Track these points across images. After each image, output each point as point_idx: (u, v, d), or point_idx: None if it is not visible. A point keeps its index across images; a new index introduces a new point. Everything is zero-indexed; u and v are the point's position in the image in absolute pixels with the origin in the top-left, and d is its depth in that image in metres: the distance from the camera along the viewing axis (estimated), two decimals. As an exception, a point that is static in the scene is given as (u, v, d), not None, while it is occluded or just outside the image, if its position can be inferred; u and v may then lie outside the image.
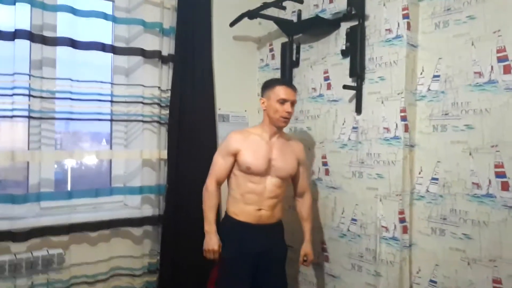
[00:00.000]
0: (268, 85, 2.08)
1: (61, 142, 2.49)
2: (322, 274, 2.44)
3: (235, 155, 2.05)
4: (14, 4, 2.03)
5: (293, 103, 2.04)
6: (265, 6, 2.44)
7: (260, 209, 2.04)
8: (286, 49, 2.65)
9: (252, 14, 2.53)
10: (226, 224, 2.12)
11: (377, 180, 2.13)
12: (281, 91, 2.01)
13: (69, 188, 2.51)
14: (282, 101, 2.00)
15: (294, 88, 2.07)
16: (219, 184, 2.11)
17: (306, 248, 2.18)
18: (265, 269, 2.08)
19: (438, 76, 2.00)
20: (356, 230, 2.25)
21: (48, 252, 2.13)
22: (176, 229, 2.44)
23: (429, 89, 2.04)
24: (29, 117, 2.14)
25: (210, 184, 2.09)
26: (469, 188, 1.87)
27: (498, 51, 1.78)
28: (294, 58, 2.62)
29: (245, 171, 2.03)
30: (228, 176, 2.11)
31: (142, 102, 2.40)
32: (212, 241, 2.02)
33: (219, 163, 2.08)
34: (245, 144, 2.04)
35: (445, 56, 1.98)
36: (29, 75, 2.12)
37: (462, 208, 1.90)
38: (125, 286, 2.41)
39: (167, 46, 2.47)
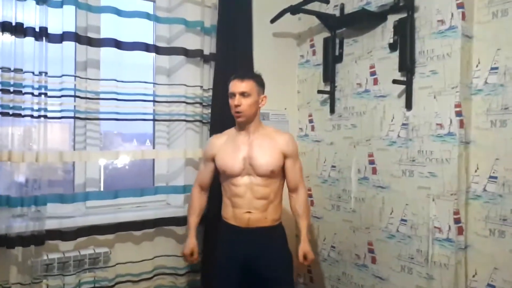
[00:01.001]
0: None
1: (105, 142, 2.52)
2: (368, 275, 2.36)
3: (213, 160, 2.04)
4: (62, 7, 2.05)
5: (243, 94, 1.92)
6: (309, 0, 2.38)
7: (248, 212, 1.95)
8: (328, 44, 2.58)
9: (294, 9, 2.48)
10: (219, 228, 2.08)
11: (430, 179, 2.03)
12: (230, 86, 1.96)
13: (112, 187, 2.54)
14: (231, 95, 1.95)
15: (242, 77, 1.95)
16: (203, 188, 2.13)
17: (304, 247, 2.01)
18: (261, 276, 1.96)
19: (497, 68, 1.89)
20: (406, 231, 2.16)
21: (94, 250, 2.16)
22: (218, 227, 2.41)
23: (486, 82, 1.92)
24: (75, 117, 2.16)
25: (193, 188, 2.15)
26: (534, 187, 1.75)
27: None
28: (337, 53, 2.55)
29: (223, 174, 2.00)
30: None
31: (184, 102, 2.40)
32: (186, 245, 2.07)
33: (201, 169, 2.14)
34: (221, 147, 2.02)
35: (504, 46, 1.86)
36: (75, 76, 2.15)
37: (525, 209, 1.78)
38: (168, 285, 2.41)
39: (208, 45, 2.46)
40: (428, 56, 2.05)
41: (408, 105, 2.13)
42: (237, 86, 1.94)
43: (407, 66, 2.10)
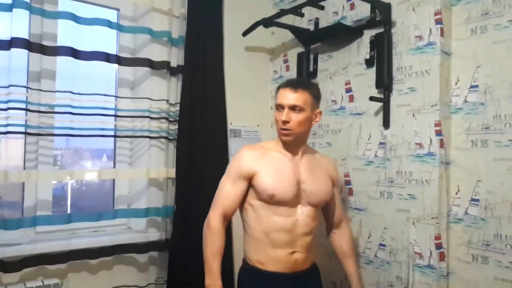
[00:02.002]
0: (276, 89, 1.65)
1: (61, 159, 2.31)
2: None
3: (249, 179, 1.59)
4: (11, 11, 1.85)
5: (294, 108, 1.55)
6: (282, 13, 2.28)
7: (293, 252, 1.59)
8: (302, 60, 2.48)
9: (267, 22, 2.37)
10: (247, 276, 1.64)
11: (409, 201, 1.93)
12: (279, 96, 1.57)
13: (68, 209, 2.31)
14: (279, 107, 1.58)
15: (297, 86, 1.56)
16: (226, 218, 1.62)
17: None
18: None
19: (476, 86, 1.82)
20: (384, 256, 2.03)
21: (43, 282, 1.91)
22: (185, 255, 2.21)
23: (465, 101, 1.85)
24: (26, 133, 1.95)
25: (213, 219, 1.59)
26: (517, 210, 1.67)
27: (548, 58, 1.61)
28: (311, 69, 2.45)
29: (267, 200, 1.56)
30: (241, 208, 1.66)
31: (149, 117, 2.22)
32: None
33: (227, 190, 1.60)
34: (263, 163, 1.59)
35: (483, 64, 1.80)
36: (27, 88, 1.94)
37: (509, 233, 1.69)
38: (129, 319, 2.19)
39: (176, 57, 2.30)
40: (406, 73, 1.97)
41: (386, 123, 2.03)
42: (287, 97, 1.55)
43: (384, 82, 2.02)
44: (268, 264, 1.57)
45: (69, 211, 2.30)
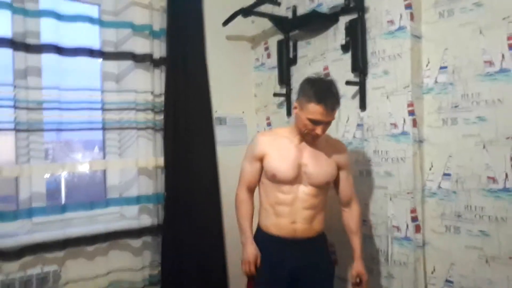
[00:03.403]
0: (305, 93, 1.71)
1: (52, 153, 2.37)
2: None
3: (261, 160, 1.84)
4: (-6, 11, 1.90)
5: (328, 123, 1.74)
6: (259, 2, 2.35)
7: (294, 222, 1.80)
8: (282, 47, 2.55)
9: (246, 12, 2.43)
10: (257, 239, 1.85)
11: (386, 179, 2.04)
12: (316, 111, 1.67)
13: (62, 200, 2.38)
14: (314, 122, 1.70)
15: (333, 107, 1.69)
16: (251, 191, 1.91)
17: (358, 267, 1.86)
18: (305, 285, 1.84)
19: (445, 67, 1.92)
20: (366, 231, 2.15)
21: (42, 269, 2.01)
22: (177, 238, 2.33)
23: (436, 81, 1.96)
24: (16, 129, 2.01)
25: (240, 192, 1.91)
26: (484, 182, 1.79)
27: (509, 38, 1.71)
28: (291, 56, 2.53)
29: (271, 179, 1.81)
30: (259, 184, 1.92)
31: (135, 109, 2.29)
32: (247, 252, 1.79)
33: (247, 170, 1.89)
34: (272, 147, 1.82)
35: (451, 46, 1.90)
36: (14, 86, 2.00)
37: (478, 204, 1.81)
38: (125, 301, 2.30)
39: (158, 49, 2.36)
40: (380, 57, 2.06)
41: (362, 106, 2.13)
42: (325, 115, 1.68)
43: (360, 67, 2.11)
44: (272, 229, 1.83)
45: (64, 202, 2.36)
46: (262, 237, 1.86)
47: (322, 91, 1.69)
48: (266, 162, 1.82)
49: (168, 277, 2.31)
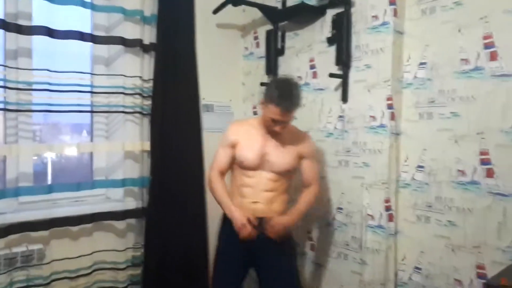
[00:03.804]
0: (268, 95, 1.89)
1: (40, 134, 2.41)
2: (308, 262, 2.43)
3: (234, 147, 2.00)
4: (-14, -9, 1.93)
5: (287, 122, 1.93)
6: (249, -8, 2.38)
7: (255, 202, 1.97)
8: (271, 37, 2.60)
9: (236, 1, 2.47)
10: (223, 217, 2.06)
11: (363, 169, 2.12)
12: (274, 112, 1.86)
13: (49, 182, 2.44)
14: (275, 121, 1.89)
15: (290, 110, 1.87)
16: (222, 174, 2.05)
17: (279, 218, 1.95)
18: (267, 266, 1.99)
19: (425, 63, 1.99)
20: (342, 219, 2.24)
21: (27, 247, 2.07)
22: (160, 221, 2.39)
23: (415, 77, 2.02)
24: (5, 109, 2.05)
25: (213, 175, 2.03)
26: (454, 175, 1.87)
27: (484, 38, 1.77)
28: (279, 46, 2.58)
29: (239, 164, 1.99)
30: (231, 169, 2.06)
31: (123, 93, 2.33)
32: (237, 218, 1.91)
33: (221, 155, 2.04)
34: (243, 136, 2.00)
35: (432, 43, 1.96)
36: (4, 66, 2.04)
37: (447, 196, 1.90)
38: (108, 280, 2.36)
39: (148, 35, 2.40)
40: (363, 51, 2.12)
41: (344, 98, 2.20)
42: (284, 116, 1.87)
43: (344, 60, 2.17)
44: (237, 208, 1.96)
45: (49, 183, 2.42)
46: (226, 216, 2.01)
47: (283, 94, 1.85)
48: (237, 150, 1.99)
49: (150, 258, 2.38)
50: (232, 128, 2.06)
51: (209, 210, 2.60)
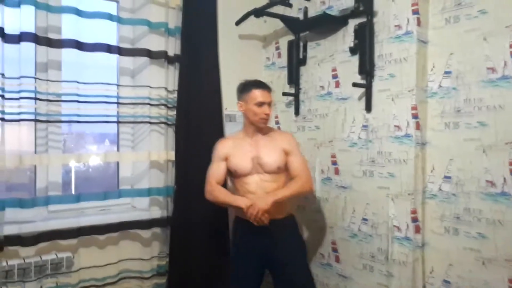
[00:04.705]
0: (244, 89, 2.10)
1: (69, 144, 2.47)
2: (333, 274, 2.41)
3: (225, 159, 2.13)
4: (19, 7, 2.01)
5: (270, 104, 2.08)
6: (272, 3, 2.42)
7: None
8: (292, 47, 2.62)
9: (258, 12, 2.50)
10: (236, 228, 2.16)
11: (389, 179, 2.10)
12: (258, 95, 2.05)
13: (77, 190, 2.49)
14: (260, 104, 2.04)
15: (269, 89, 2.10)
16: (218, 184, 2.12)
17: (262, 198, 1.96)
18: (280, 265, 2.08)
19: (450, 72, 1.97)
20: (367, 230, 2.22)
21: (57, 255, 2.12)
22: (185, 230, 2.41)
23: (440, 86, 2.00)
24: (36, 120, 2.12)
25: (209, 185, 2.11)
26: (483, 186, 1.84)
27: (511, 46, 1.74)
28: (301, 56, 2.59)
29: (234, 174, 2.11)
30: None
31: (149, 104, 2.38)
32: (242, 203, 1.96)
33: (213, 168, 2.14)
34: (232, 148, 2.13)
35: (456, 51, 1.94)
36: (35, 78, 2.11)
37: (476, 207, 1.86)
38: (134, 289, 2.40)
39: (172, 46, 2.45)
40: (387, 60, 2.11)
41: (368, 108, 2.19)
42: (267, 96, 2.07)
43: (367, 69, 2.16)
44: (244, 214, 1.98)
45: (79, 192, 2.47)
46: (237, 224, 2.15)
47: (254, 81, 2.13)
48: (229, 161, 2.12)
49: (175, 267, 2.40)
50: (219, 145, 2.18)
51: (232, 219, 2.61)
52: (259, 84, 2.11)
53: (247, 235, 2.10)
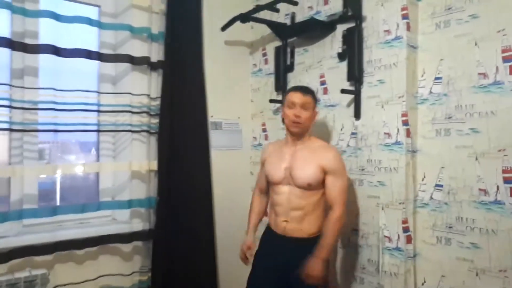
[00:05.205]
0: (285, 94, 2.06)
1: (46, 153, 2.36)
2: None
3: (264, 164, 2.12)
4: (-8, 10, 1.91)
5: (303, 106, 1.92)
6: (258, 8, 2.36)
7: (285, 221, 1.95)
8: (280, 53, 2.56)
9: (244, 18, 2.44)
10: (265, 232, 2.12)
11: (379, 188, 2.03)
12: (291, 97, 1.95)
13: (55, 202, 2.38)
14: (291, 105, 1.94)
15: (305, 91, 1.95)
16: (262, 192, 2.20)
17: (309, 264, 1.82)
18: (292, 283, 1.91)
19: (440, 78, 1.92)
20: (357, 240, 2.15)
21: (30, 272, 2.00)
22: (168, 244, 2.32)
23: (431, 92, 1.96)
24: (10, 129, 2.01)
25: (254, 193, 2.24)
26: (476, 194, 1.78)
27: (503, 51, 1.71)
28: (288, 62, 2.53)
29: (268, 180, 2.07)
30: None
31: (130, 111, 2.28)
32: (244, 241, 2.11)
33: (259, 173, 2.22)
34: (271, 154, 2.09)
35: (447, 57, 1.90)
36: (10, 85, 2.00)
37: (469, 216, 1.81)
38: (114, 305, 2.28)
39: (156, 52, 2.36)
40: (376, 66, 2.06)
41: (357, 115, 2.13)
42: (299, 97, 1.94)
43: (356, 75, 2.11)
44: (272, 225, 2.05)
45: (55, 204, 2.35)
46: (265, 231, 2.10)
47: (295, 86, 2.05)
48: (265, 167, 2.09)
49: (158, 283, 2.30)
50: (263, 148, 2.21)
51: (218, 230, 2.53)
52: (296, 87, 2.02)
53: (269, 242, 2.05)
